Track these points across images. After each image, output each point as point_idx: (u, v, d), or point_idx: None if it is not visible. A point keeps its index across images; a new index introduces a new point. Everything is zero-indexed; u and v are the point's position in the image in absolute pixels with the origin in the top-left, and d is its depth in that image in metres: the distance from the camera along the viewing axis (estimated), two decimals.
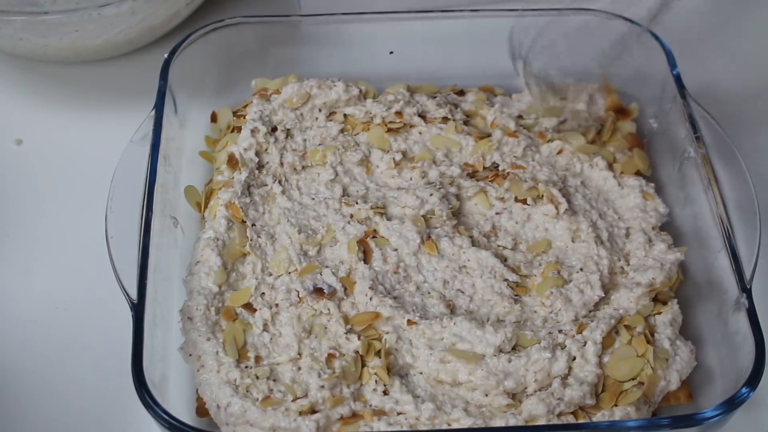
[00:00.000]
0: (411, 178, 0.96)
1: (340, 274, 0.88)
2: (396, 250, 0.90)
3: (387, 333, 0.85)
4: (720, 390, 0.84)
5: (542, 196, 0.94)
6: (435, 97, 1.02)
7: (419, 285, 0.89)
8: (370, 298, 0.86)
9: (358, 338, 0.84)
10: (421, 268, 0.90)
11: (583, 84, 1.00)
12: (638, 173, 0.98)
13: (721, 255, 0.87)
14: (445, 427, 0.80)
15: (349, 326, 0.85)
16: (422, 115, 1.00)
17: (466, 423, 0.79)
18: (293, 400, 0.80)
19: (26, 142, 1.07)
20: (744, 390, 0.78)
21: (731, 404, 0.77)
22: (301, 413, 0.79)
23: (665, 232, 0.94)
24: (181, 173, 0.98)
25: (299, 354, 0.84)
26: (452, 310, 0.87)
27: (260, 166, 0.96)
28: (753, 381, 0.78)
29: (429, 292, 0.88)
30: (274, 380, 0.82)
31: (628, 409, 0.81)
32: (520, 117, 1.01)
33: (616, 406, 0.82)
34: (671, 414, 0.84)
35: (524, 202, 0.94)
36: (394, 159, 0.97)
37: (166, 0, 1.04)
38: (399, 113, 0.99)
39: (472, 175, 0.97)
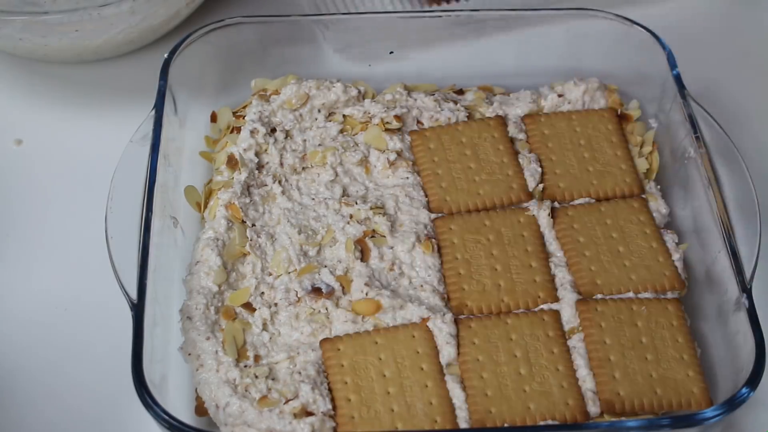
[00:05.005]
0: (407, 178, 0.96)
1: (338, 272, 0.88)
2: (392, 248, 0.90)
3: None
4: (720, 390, 0.84)
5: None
6: (433, 94, 1.01)
7: (412, 280, 0.89)
8: (366, 294, 0.86)
9: None
10: (415, 265, 0.89)
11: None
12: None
13: (721, 255, 0.87)
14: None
15: None
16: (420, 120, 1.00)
17: None
18: (285, 402, 0.80)
19: (26, 142, 1.07)
20: (744, 390, 0.78)
21: (731, 404, 0.77)
22: (296, 415, 0.79)
23: (671, 231, 0.93)
24: (181, 173, 0.98)
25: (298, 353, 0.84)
26: (446, 303, 0.87)
27: (260, 167, 0.96)
28: (753, 381, 0.78)
29: (421, 285, 0.88)
30: (273, 379, 0.82)
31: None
32: (528, 116, 1.00)
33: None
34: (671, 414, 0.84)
35: None
36: (388, 159, 0.96)
37: (166, 0, 1.04)
38: (398, 117, 0.98)
39: None
